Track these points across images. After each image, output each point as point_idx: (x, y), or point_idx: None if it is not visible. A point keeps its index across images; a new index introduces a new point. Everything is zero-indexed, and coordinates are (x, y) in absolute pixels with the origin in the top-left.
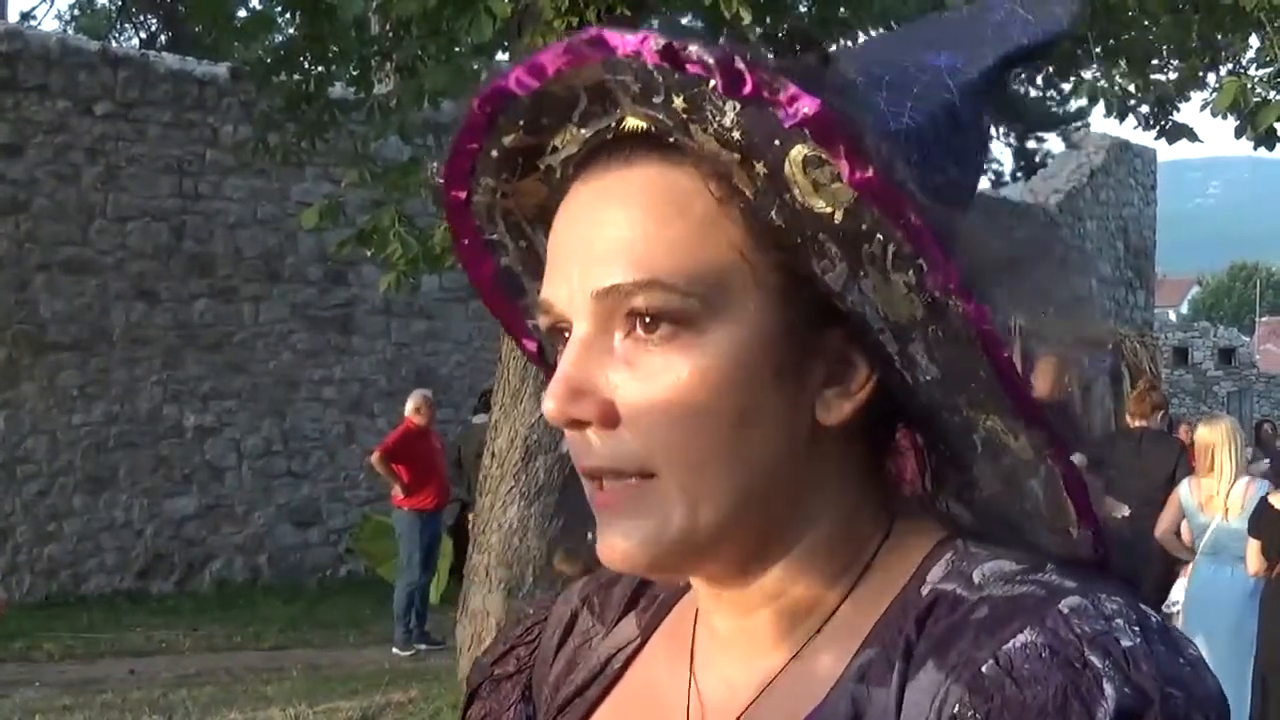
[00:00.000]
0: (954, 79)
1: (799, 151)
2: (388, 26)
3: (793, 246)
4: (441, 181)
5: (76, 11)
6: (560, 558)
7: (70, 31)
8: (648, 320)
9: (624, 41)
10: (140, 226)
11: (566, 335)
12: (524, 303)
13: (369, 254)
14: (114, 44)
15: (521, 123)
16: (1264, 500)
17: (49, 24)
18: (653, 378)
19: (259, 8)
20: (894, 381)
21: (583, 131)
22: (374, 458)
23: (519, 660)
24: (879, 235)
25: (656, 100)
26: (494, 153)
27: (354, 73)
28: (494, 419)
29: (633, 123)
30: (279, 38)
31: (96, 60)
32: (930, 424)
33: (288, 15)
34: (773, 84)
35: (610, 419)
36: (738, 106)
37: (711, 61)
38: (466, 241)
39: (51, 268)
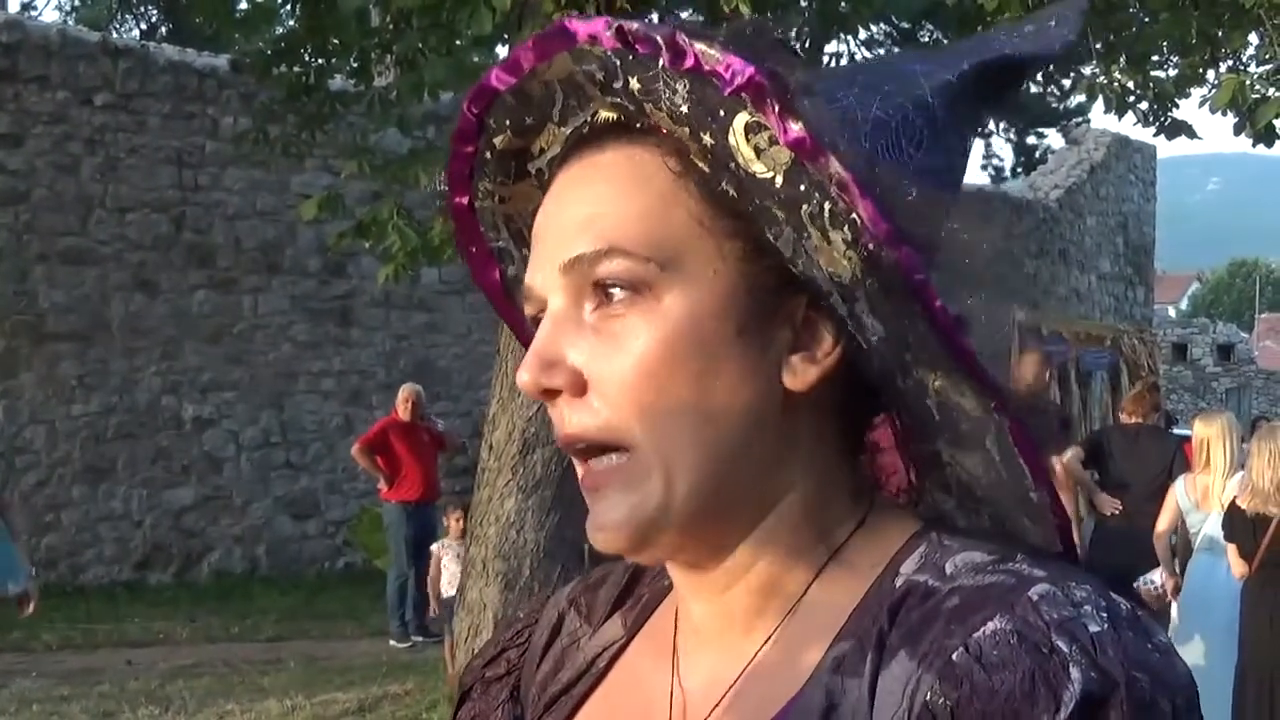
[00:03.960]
0: (928, 80)
1: (741, 119)
2: (388, 19)
3: (746, 214)
4: (445, 187)
5: (77, 2)
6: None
7: (70, 22)
8: (609, 289)
9: (582, 27)
10: (140, 217)
11: None
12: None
13: (368, 246)
14: (114, 35)
15: (508, 123)
16: (1233, 503)
17: (49, 15)
18: (616, 343)
19: (259, 0)
20: (855, 350)
21: (563, 130)
22: (354, 450)
23: (509, 662)
24: (816, 194)
25: (617, 85)
26: (487, 154)
27: (354, 65)
28: (492, 412)
29: (604, 114)
30: (279, 30)
31: (96, 51)
32: (891, 393)
33: (288, 7)
34: (711, 54)
35: (578, 386)
36: (687, 84)
37: (657, 38)
38: (473, 249)
39: (51, 258)
